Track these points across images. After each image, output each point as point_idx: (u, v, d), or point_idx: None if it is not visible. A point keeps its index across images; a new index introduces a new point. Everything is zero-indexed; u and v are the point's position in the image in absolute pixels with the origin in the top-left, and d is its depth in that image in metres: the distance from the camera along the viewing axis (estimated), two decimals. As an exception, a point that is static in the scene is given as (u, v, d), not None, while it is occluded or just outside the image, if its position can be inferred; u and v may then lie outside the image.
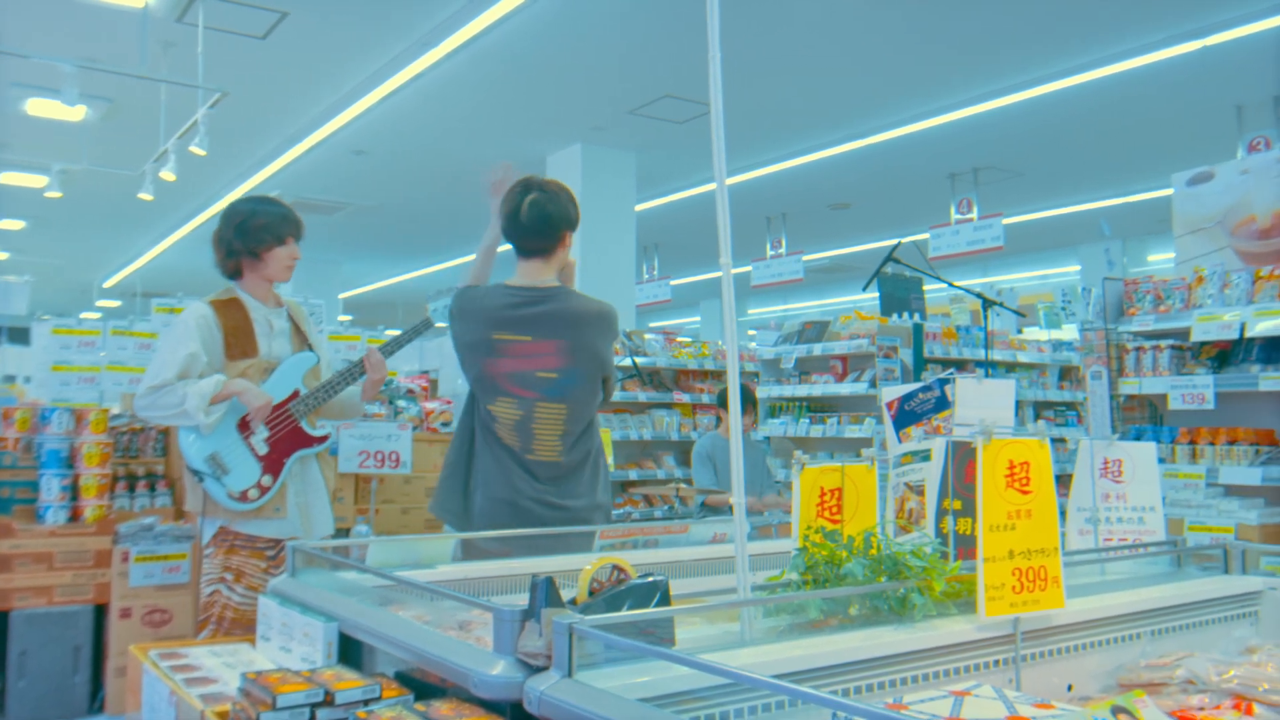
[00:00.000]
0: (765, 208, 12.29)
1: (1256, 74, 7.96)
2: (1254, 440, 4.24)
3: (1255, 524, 3.92)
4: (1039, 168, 10.98)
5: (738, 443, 1.68)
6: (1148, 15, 7.09)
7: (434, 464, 5.28)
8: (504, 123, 9.61)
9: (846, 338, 6.73)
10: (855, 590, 1.70)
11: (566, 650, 1.35)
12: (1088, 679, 1.87)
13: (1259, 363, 4.22)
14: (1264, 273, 4.25)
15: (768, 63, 7.94)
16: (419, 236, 15.24)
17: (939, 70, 8.19)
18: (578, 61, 7.99)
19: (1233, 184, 4.59)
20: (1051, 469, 1.75)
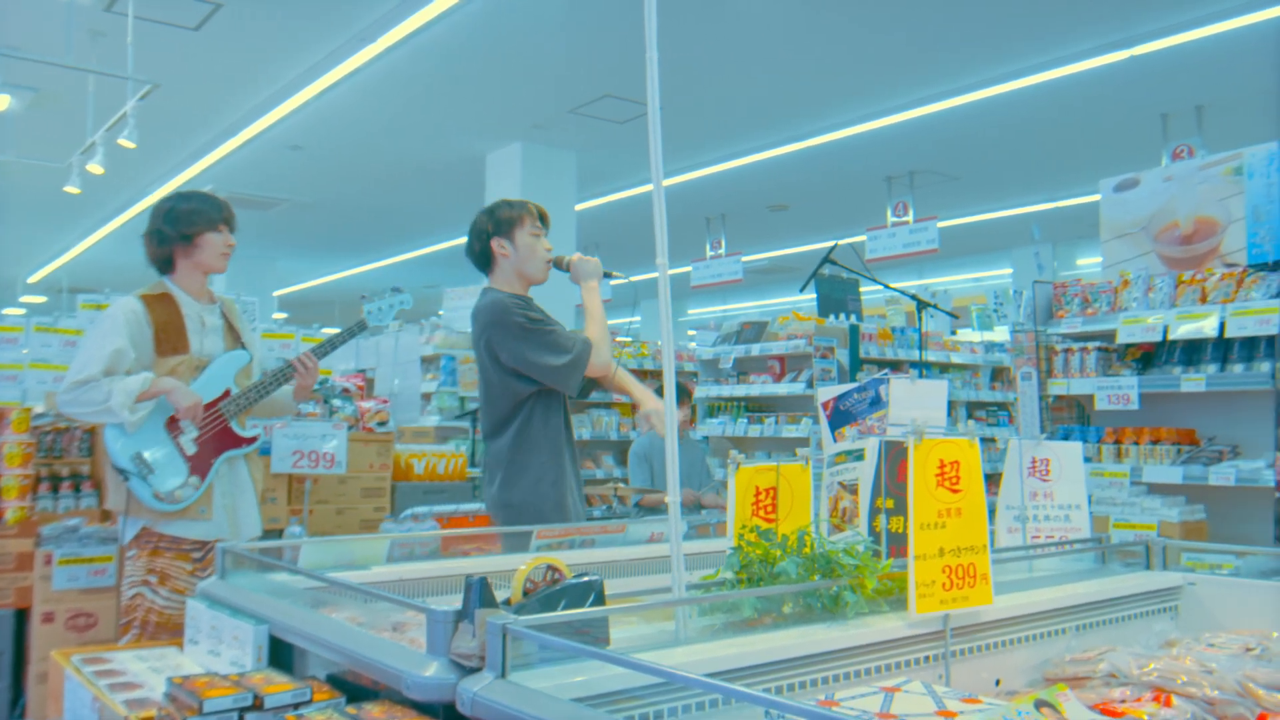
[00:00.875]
0: (705, 208, 12.35)
1: (1181, 84, 8.20)
2: (1176, 440, 4.36)
3: (1176, 521, 4.03)
4: (973, 172, 11.18)
5: (672, 442, 1.68)
6: (1078, 24, 7.26)
7: (369, 464, 5.22)
8: (443, 120, 9.53)
9: (784, 338, 6.79)
10: (789, 589, 1.71)
11: (500, 651, 1.34)
12: (1015, 673, 1.91)
13: (1180, 365, 4.34)
14: (1186, 277, 4.37)
15: (708, 64, 7.97)
16: (356, 234, 15.05)
17: (877, 75, 8.30)
18: (517, 59, 7.95)
19: (1157, 190, 4.71)
20: (981, 468, 1.78)
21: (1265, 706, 1.60)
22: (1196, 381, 4.18)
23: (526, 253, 3.34)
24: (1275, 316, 3.92)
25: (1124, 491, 4.27)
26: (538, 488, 3.28)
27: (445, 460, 5.63)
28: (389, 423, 5.40)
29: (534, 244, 3.36)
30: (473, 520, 4.79)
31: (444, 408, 7.79)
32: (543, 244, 3.37)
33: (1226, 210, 4.45)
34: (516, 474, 3.29)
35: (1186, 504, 4.14)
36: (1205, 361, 4.27)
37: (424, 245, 15.71)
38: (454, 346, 7.94)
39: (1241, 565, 3.02)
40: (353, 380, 5.70)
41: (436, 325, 8.33)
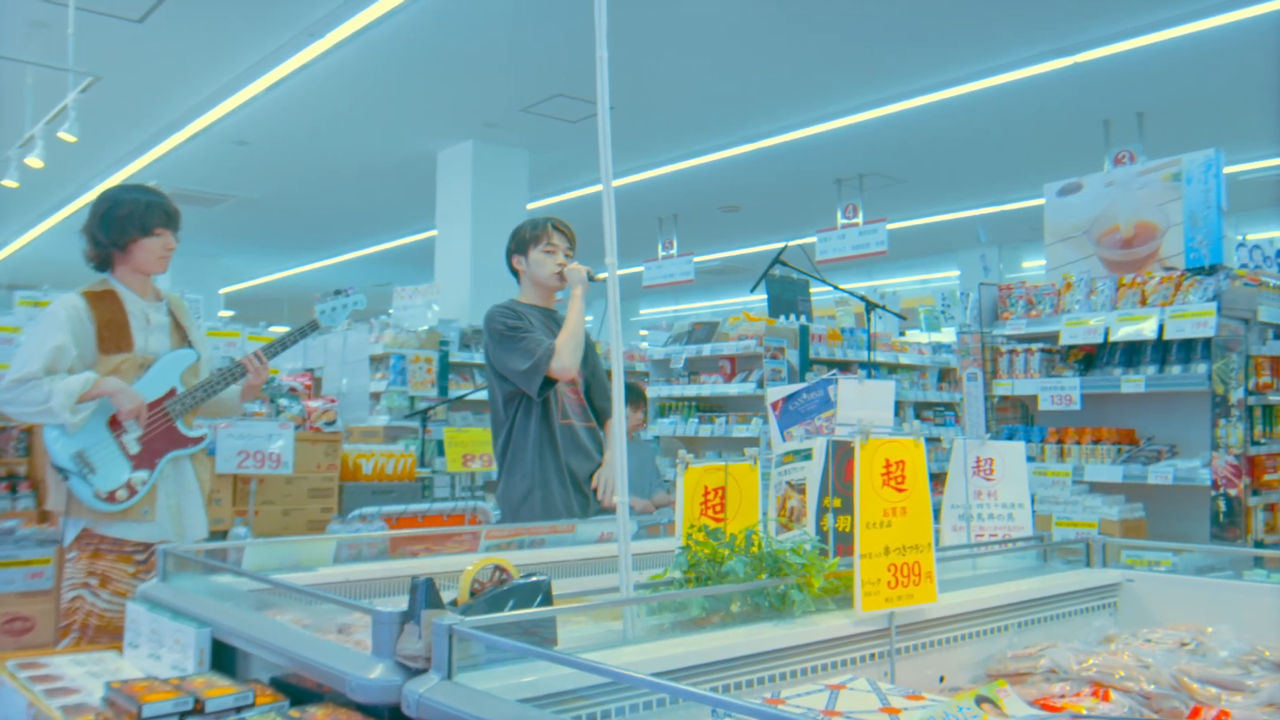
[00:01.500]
0: (657, 208, 12.37)
1: (1123, 90, 8.37)
2: (1116, 440, 4.45)
3: (1116, 519, 4.11)
4: (921, 175, 11.32)
5: (621, 443, 1.69)
6: (1023, 32, 7.38)
7: (316, 464, 5.16)
8: (394, 117, 9.45)
9: (735, 338, 6.82)
10: (736, 588, 1.72)
11: (446, 652, 1.33)
12: (959, 670, 1.93)
13: (1121, 366, 4.43)
14: (1126, 280, 4.46)
15: (661, 65, 7.99)
16: (305, 231, 14.87)
17: (827, 78, 8.38)
18: (469, 57, 7.91)
19: (1099, 195, 4.80)
20: (926, 468, 1.80)
21: (1199, 700, 1.64)
22: (1136, 382, 4.26)
23: (536, 267, 3.62)
24: (1211, 319, 4.01)
25: (1066, 490, 4.35)
26: (528, 484, 3.54)
27: (394, 460, 5.58)
28: (337, 422, 5.34)
29: (544, 259, 3.62)
30: (422, 520, 4.75)
31: (393, 407, 7.72)
32: (556, 257, 3.62)
33: (1165, 215, 4.55)
34: (511, 471, 3.57)
35: (1126, 502, 4.22)
36: (1145, 363, 4.36)
37: (374, 243, 15.57)
38: (404, 346, 7.87)
39: (1178, 562, 3.09)
40: (300, 379, 5.63)
41: (386, 324, 8.25)
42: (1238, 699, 1.64)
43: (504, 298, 3.82)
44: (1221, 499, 3.97)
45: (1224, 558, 2.95)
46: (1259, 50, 7.61)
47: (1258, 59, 7.82)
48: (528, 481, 3.54)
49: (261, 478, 4.85)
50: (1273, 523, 4.14)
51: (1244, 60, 7.83)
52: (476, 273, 9.98)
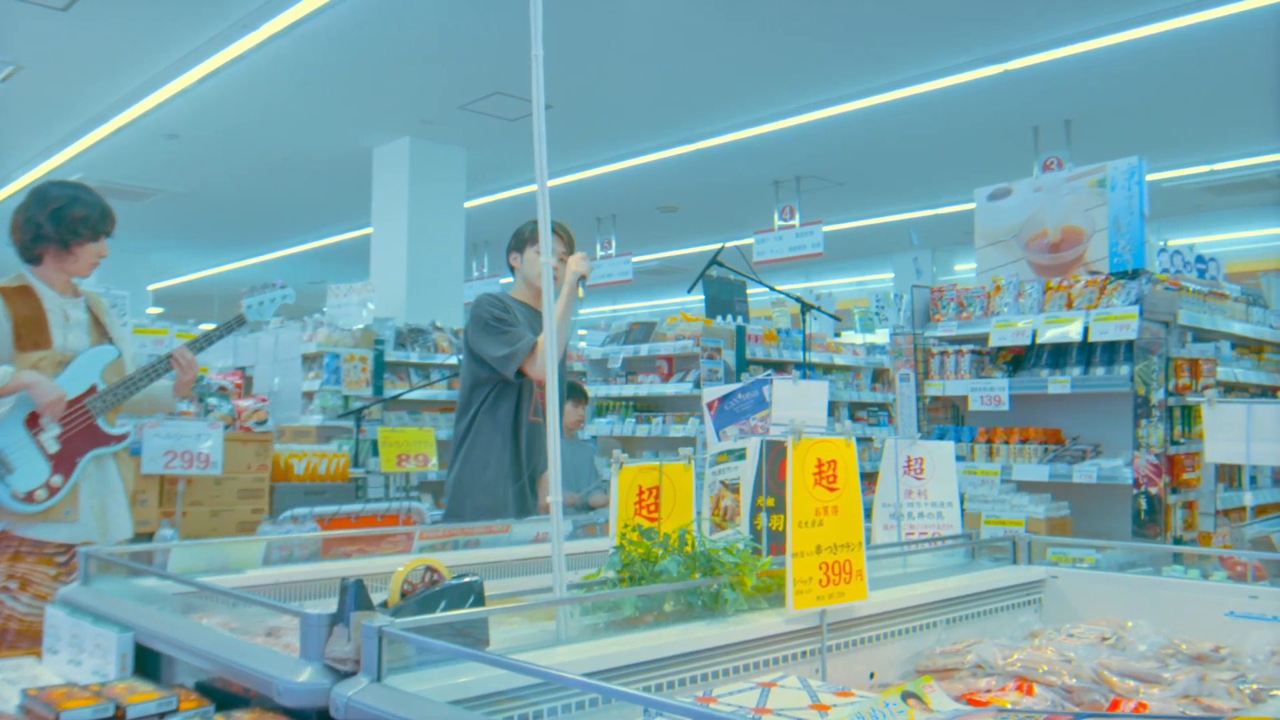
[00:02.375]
0: (596, 208, 12.37)
1: (1052, 98, 8.56)
2: (1043, 440, 4.55)
3: (1043, 517, 4.20)
4: (858, 178, 11.46)
5: (555, 443, 1.68)
6: (956, 39, 7.51)
7: (247, 464, 5.06)
8: (328, 112, 9.32)
9: (672, 339, 6.84)
10: (669, 587, 1.73)
11: (375, 654, 1.32)
12: (889, 666, 1.97)
13: (1048, 367, 4.54)
14: (1053, 284, 4.56)
15: (600, 65, 7.99)
16: (237, 227, 14.59)
17: (765, 80, 8.44)
18: (406, 52, 7.83)
19: (1028, 200, 4.91)
20: (857, 467, 1.83)
21: (1118, 693, 1.69)
22: (1062, 384, 4.37)
23: (529, 265, 3.75)
24: (1133, 322, 4.12)
25: (995, 489, 4.44)
26: (484, 472, 3.62)
27: (327, 460, 5.51)
28: (268, 422, 5.24)
29: (536, 258, 3.69)
30: (355, 521, 4.69)
31: (327, 406, 7.61)
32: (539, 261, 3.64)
33: (1091, 220, 4.66)
34: (469, 456, 3.64)
35: (1052, 501, 4.32)
36: (1071, 364, 4.47)
37: (308, 240, 15.34)
38: (338, 344, 7.76)
39: (1101, 559, 3.17)
40: (230, 378, 5.52)
41: (320, 322, 8.13)
42: (1155, 691, 1.68)
43: (440, 296, 3.86)
44: (1143, 497, 4.08)
45: (1144, 554, 3.04)
46: (1181, 62, 7.84)
47: (1179, 70, 8.05)
48: (487, 470, 3.62)
49: (189, 478, 4.74)
50: (1191, 520, 4.26)
51: (1166, 71, 8.06)
52: (413, 271, 9.89)
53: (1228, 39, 7.36)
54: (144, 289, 16.14)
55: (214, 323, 3.54)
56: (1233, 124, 9.62)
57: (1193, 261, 5.26)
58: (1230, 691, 1.70)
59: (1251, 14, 6.85)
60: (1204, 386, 4.23)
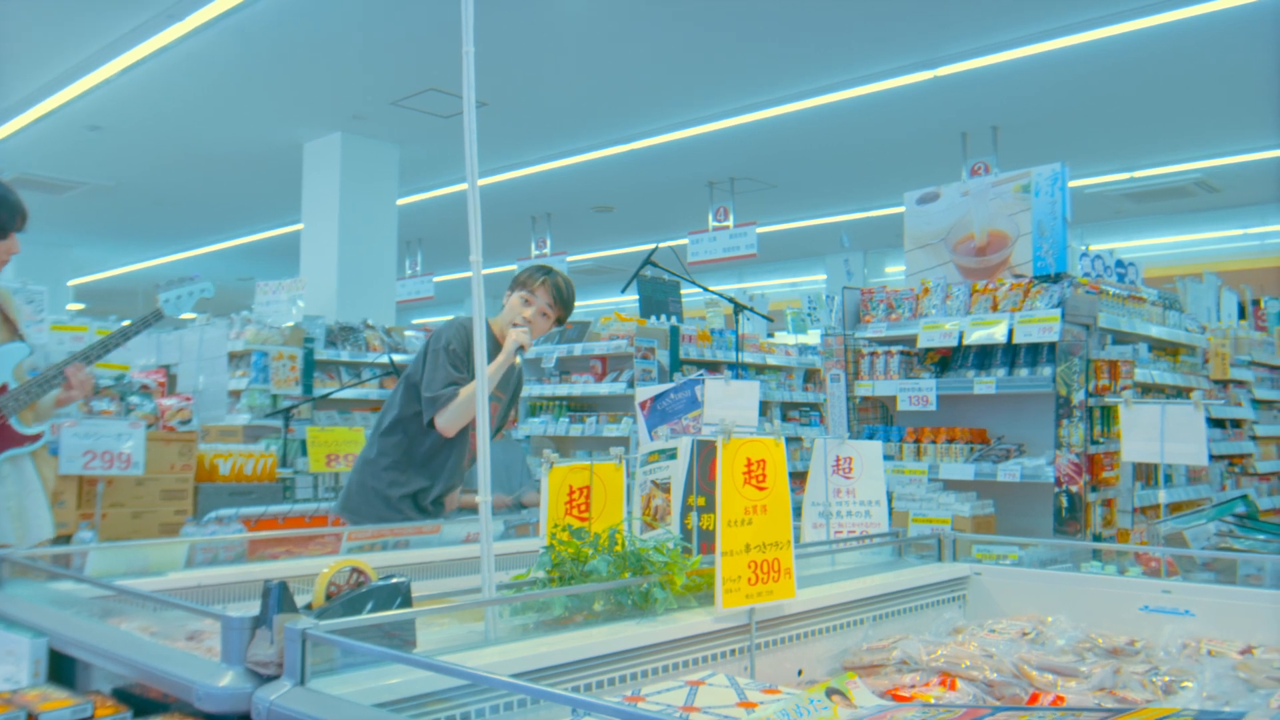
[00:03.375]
0: (530, 207, 12.32)
1: (980, 104, 8.74)
2: (969, 439, 4.64)
3: (968, 515, 4.28)
4: (791, 180, 11.58)
5: (484, 442, 1.67)
6: (887, 45, 7.63)
7: (170, 464, 4.95)
8: (258, 105, 9.15)
9: (606, 338, 6.84)
10: (598, 586, 1.73)
11: (299, 657, 1.30)
12: (816, 663, 1.99)
13: (974, 368, 4.63)
14: (980, 286, 4.66)
15: (536, 64, 7.96)
16: (162, 221, 14.25)
17: (700, 82, 8.48)
18: (337, 46, 7.72)
19: (955, 204, 5.00)
20: (786, 466, 1.85)
21: (1037, 686, 1.73)
22: (988, 384, 4.46)
23: (508, 310, 3.70)
24: (1056, 325, 4.22)
25: (922, 488, 4.51)
26: (389, 489, 3.54)
27: (254, 460, 5.41)
28: (192, 421, 5.13)
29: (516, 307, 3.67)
30: (282, 522, 4.62)
31: (254, 405, 7.47)
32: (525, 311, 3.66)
33: (1016, 224, 4.77)
34: (380, 459, 3.57)
35: (978, 499, 4.41)
36: (996, 365, 4.56)
37: (237, 236, 15.05)
38: (266, 342, 7.62)
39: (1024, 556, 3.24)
40: (152, 376, 5.39)
41: (248, 320, 7.98)
42: (1072, 684, 1.73)
43: (372, 294, 3.82)
44: (1064, 495, 4.18)
45: (1065, 551, 3.11)
46: (1102, 72, 8.05)
47: (1101, 80, 8.27)
48: (393, 488, 3.52)
49: (110, 479, 4.62)
50: (1110, 517, 4.38)
51: (1088, 81, 8.27)
52: (344, 268, 9.75)
53: (1147, 52, 7.58)
54: (64, 284, 15.69)
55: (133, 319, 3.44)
56: (1151, 133, 9.92)
57: (1113, 266, 5.40)
58: (1143, 684, 1.75)
59: (1169, 27, 7.07)
60: (1122, 387, 4.35)
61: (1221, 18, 6.93)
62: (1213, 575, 2.44)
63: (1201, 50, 7.60)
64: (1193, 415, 2.84)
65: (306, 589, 1.63)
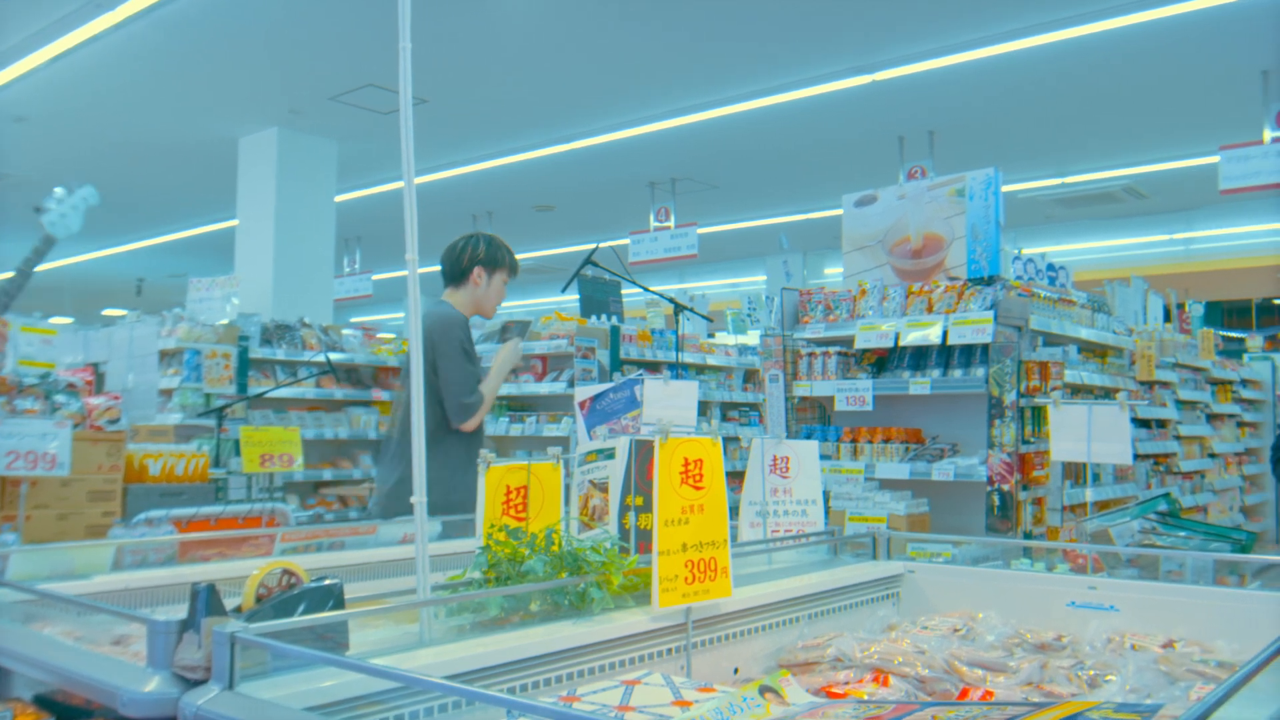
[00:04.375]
0: (470, 205, 12.23)
1: (917, 109, 8.87)
2: (904, 439, 4.71)
3: (903, 514, 4.35)
4: (732, 181, 11.65)
5: (419, 441, 1.66)
6: (826, 48, 7.71)
7: (97, 465, 4.83)
8: (191, 98, 8.96)
9: (547, 338, 6.82)
10: (535, 587, 1.72)
11: (227, 661, 1.28)
12: (752, 661, 2.00)
13: (910, 369, 4.70)
14: (915, 289, 4.73)
15: (478, 61, 7.91)
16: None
17: (642, 82, 8.50)
18: (274, 39, 7.59)
19: (892, 207, 5.07)
20: (723, 466, 1.86)
21: (967, 682, 1.76)
22: (923, 385, 4.53)
23: (493, 293, 3.84)
24: (989, 326, 4.30)
25: (859, 487, 4.57)
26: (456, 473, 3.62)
27: (185, 460, 5.29)
28: (121, 420, 5.00)
29: (501, 289, 3.88)
30: (215, 524, 4.52)
31: (187, 405, 7.31)
32: (504, 292, 3.90)
33: (951, 228, 4.85)
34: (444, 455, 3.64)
35: (913, 498, 4.47)
36: (931, 366, 4.64)
37: (170, 231, 14.72)
38: (199, 340, 7.47)
39: (957, 553, 3.30)
40: (79, 374, 5.24)
41: (180, 317, 7.81)
42: (1000, 680, 1.76)
43: (309, 292, 3.79)
44: (996, 494, 4.26)
45: (996, 548, 3.17)
46: (1035, 80, 8.22)
47: (1034, 88, 8.45)
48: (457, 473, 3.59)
49: (34, 480, 4.49)
50: (1040, 515, 4.48)
51: (1023, 88, 8.45)
52: (280, 265, 9.59)
53: (1078, 61, 7.76)
54: (-14, 280, 15.22)
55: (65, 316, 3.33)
56: (1082, 141, 10.15)
57: (1044, 269, 5.52)
58: (1069, 678, 1.79)
59: (1100, 37, 7.24)
60: (1053, 388, 4.44)
61: (1150, 29, 7.12)
62: (1136, 571, 2.51)
63: (1130, 60, 7.80)
64: (1118, 416, 2.91)
65: (238, 591, 1.61)
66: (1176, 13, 6.85)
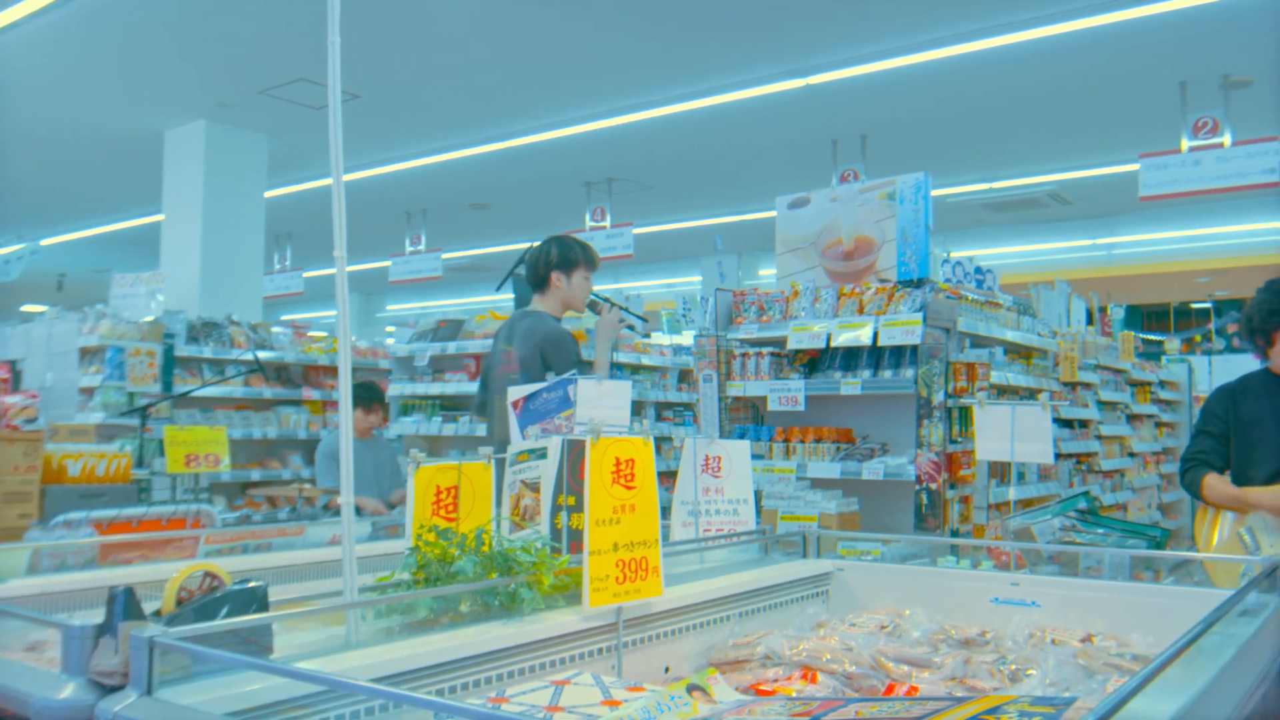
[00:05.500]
0: (405, 203, 12.10)
1: (850, 113, 8.99)
2: (835, 438, 4.77)
3: (834, 513, 4.40)
4: (667, 182, 11.68)
5: (347, 439, 1.64)
6: (761, 51, 7.78)
7: (14, 465, 4.68)
8: (114, 89, 8.73)
9: (481, 337, 6.78)
10: (464, 587, 1.71)
11: (145, 666, 1.25)
12: (684, 660, 2.01)
13: (841, 369, 4.75)
14: (847, 290, 4.79)
15: (412, 57, 7.83)
16: (9, 209, 13.45)
17: (578, 82, 8.49)
18: (202, 30, 7.43)
19: (825, 209, 5.13)
20: (654, 466, 1.86)
21: (893, 677, 1.79)
22: (854, 385, 4.59)
23: (578, 290, 4.02)
24: (918, 328, 4.38)
25: (791, 486, 4.61)
26: None
27: (107, 461, 5.15)
28: (39, 419, 4.86)
29: (584, 284, 4.05)
30: (137, 526, 4.41)
31: (109, 404, 7.13)
32: (589, 285, 4.07)
33: (882, 231, 4.92)
34: None
35: (843, 497, 4.53)
36: (862, 367, 4.70)
37: (92, 225, 14.33)
38: (123, 337, 7.28)
39: (886, 551, 3.35)
40: (-5, 372, 5.09)
41: (102, 313, 7.60)
42: (925, 675, 1.79)
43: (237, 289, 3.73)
44: (924, 493, 4.34)
45: (924, 546, 3.23)
46: (966, 87, 8.38)
47: (965, 94, 8.61)
48: None
49: (-55, 481, 4.35)
50: (966, 513, 4.56)
51: (953, 94, 8.60)
52: (207, 261, 9.39)
53: (1007, 69, 7.93)
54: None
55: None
56: (1010, 146, 10.38)
57: (972, 273, 5.63)
58: (992, 673, 1.83)
59: (1027, 46, 7.41)
60: (979, 389, 4.53)
61: (1074, 39, 7.30)
62: (1057, 568, 2.57)
63: (1055, 70, 7.99)
64: (1040, 416, 2.98)
65: (160, 595, 1.57)
66: (1100, 24, 7.04)
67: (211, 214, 9.52)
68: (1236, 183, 7.13)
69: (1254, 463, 3.38)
